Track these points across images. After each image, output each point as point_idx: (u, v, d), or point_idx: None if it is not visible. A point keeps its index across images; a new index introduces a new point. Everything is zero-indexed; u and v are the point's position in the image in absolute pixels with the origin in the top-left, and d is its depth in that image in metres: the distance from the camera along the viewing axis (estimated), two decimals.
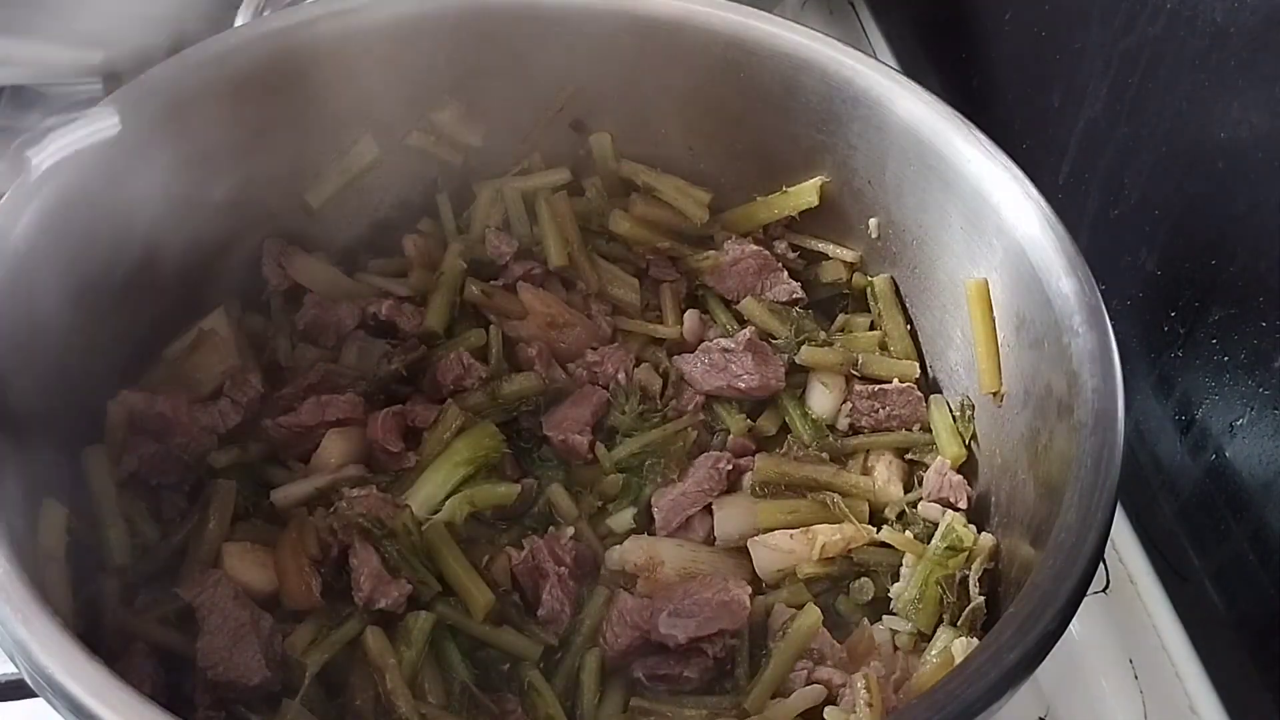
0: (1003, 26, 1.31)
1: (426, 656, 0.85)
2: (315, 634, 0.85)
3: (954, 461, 0.94)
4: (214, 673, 0.79)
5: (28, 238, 0.81)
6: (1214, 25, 0.95)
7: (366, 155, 1.04)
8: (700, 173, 1.08)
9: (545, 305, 1.03)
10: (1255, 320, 0.95)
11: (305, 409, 0.94)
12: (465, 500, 0.90)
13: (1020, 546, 0.80)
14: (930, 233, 0.95)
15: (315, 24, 0.96)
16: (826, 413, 1.00)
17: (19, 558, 0.68)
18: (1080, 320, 0.79)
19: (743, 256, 1.05)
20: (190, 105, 0.91)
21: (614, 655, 0.86)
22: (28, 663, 0.63)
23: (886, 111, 0.94)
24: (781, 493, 0.94)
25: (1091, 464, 0.72)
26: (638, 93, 1.04)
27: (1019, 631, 0.66)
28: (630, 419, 0.99)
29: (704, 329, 1.06)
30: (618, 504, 0.95)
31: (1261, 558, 0.98)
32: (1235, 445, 1.00)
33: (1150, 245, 1.08)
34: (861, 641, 0.87)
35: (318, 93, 0.98)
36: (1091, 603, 1.05)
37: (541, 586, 0.88)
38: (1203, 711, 0.99)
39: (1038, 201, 0.85)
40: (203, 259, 0.96)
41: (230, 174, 0.96)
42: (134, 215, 0.89)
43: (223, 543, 0.87)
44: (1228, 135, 0.96)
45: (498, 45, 1.01)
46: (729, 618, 0.85)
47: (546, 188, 1.07)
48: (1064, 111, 1.19)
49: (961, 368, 0.96)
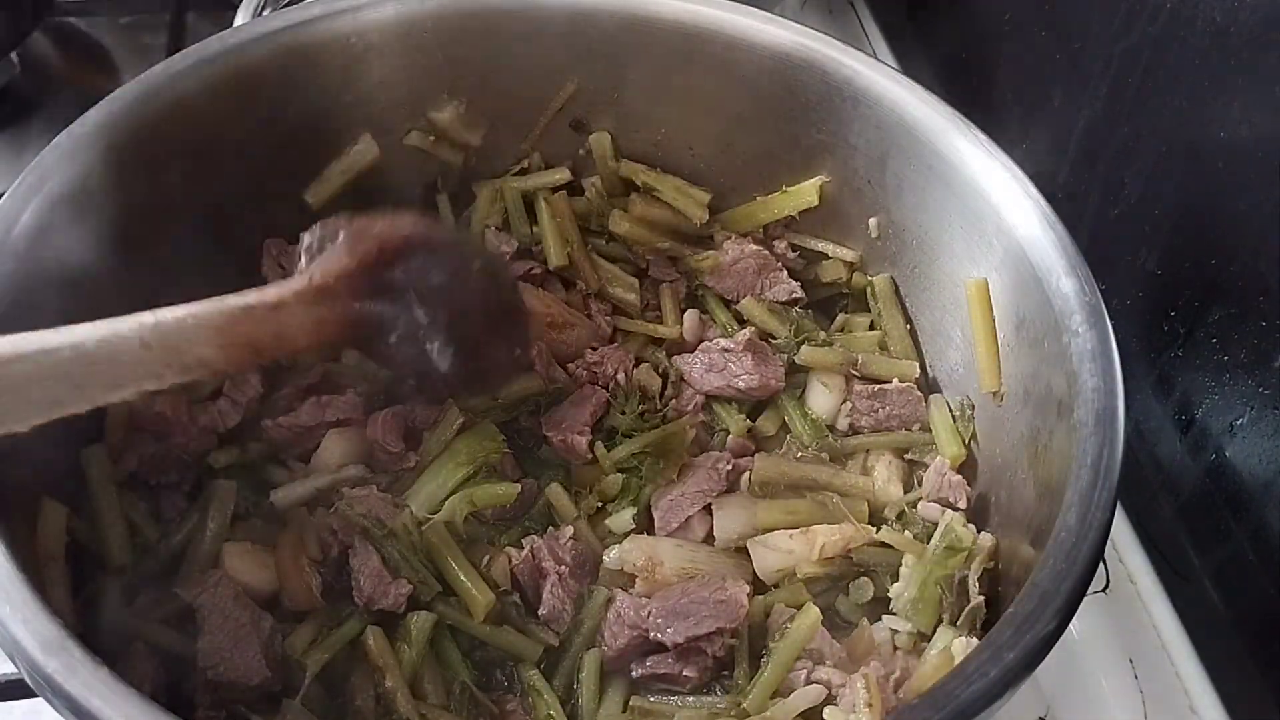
0: (1003, 26, 1.31)
1: (426, 656, 0.85)
2: (315, 634, 0.85)
3: (954, 461, 0.94)
4: (214, 673, 0.79)
5: (28, 237, 0.81)
6: (1214, 25, 0.95)
7: (366, 155, 1.04)
8: (700, 173, 1.08)
9: (546, 306, 1.03)
10: (1255, 320, 0.95)
11: (305, 409, 0.94)
12: (465, 500, 0.90)
13: (1020, 546, 0.80)
14: (930, 233, 0.95)
15: (315, 24, 0.96)
16: (826, 413, 1.00)
17: (19, 558, 0.68)
18: (1080, 320, 0.79)
19: (742, 256, 1.05)
20: (189, 104, 0.91)
21: (613, 655, 0.86)
22: (27, 663, 0.63)
23: (886, 111, 0.94)
24: (781, 493, 0.94)
25: (1091, 464, 0.72)
26: (638, 93, 1.04)
27: (1019, 631, 0.66)
28: (630, 419, 0.99)
29: (704, 329, 1.06)
30: (617, 504, 0.95)
31: (1261, 557, 0.98)
32: (1235, 445, 1.00)
33: (1150, 245, 1.08)
34: (861, 641, 0.87)
35: (317, 92, 0.98)
36: (1091, 603, 1.05)
37: (543, 586, 0.88)
38: (1203, 711, 0.99)
39: (1038, 201, 0.85)
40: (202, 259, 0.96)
41: (229, 173, 0.96)
42: (133, 215, 0.89)
43: (223, 543, 0.87)
44: (1228, 135, 0.96)
45: (498, 45, 1.02)
46: (726, 617, 0.85)
47: (546, 187, 1.07)
48: (1064, 111, 1.19)
49: (961, 367, 0.96)
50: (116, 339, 0.68)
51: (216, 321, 0.72)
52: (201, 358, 0.71)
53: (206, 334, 0.72)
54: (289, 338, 0.77)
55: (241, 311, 0.74)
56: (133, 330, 0.69)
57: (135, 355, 0.68)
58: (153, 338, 0.69)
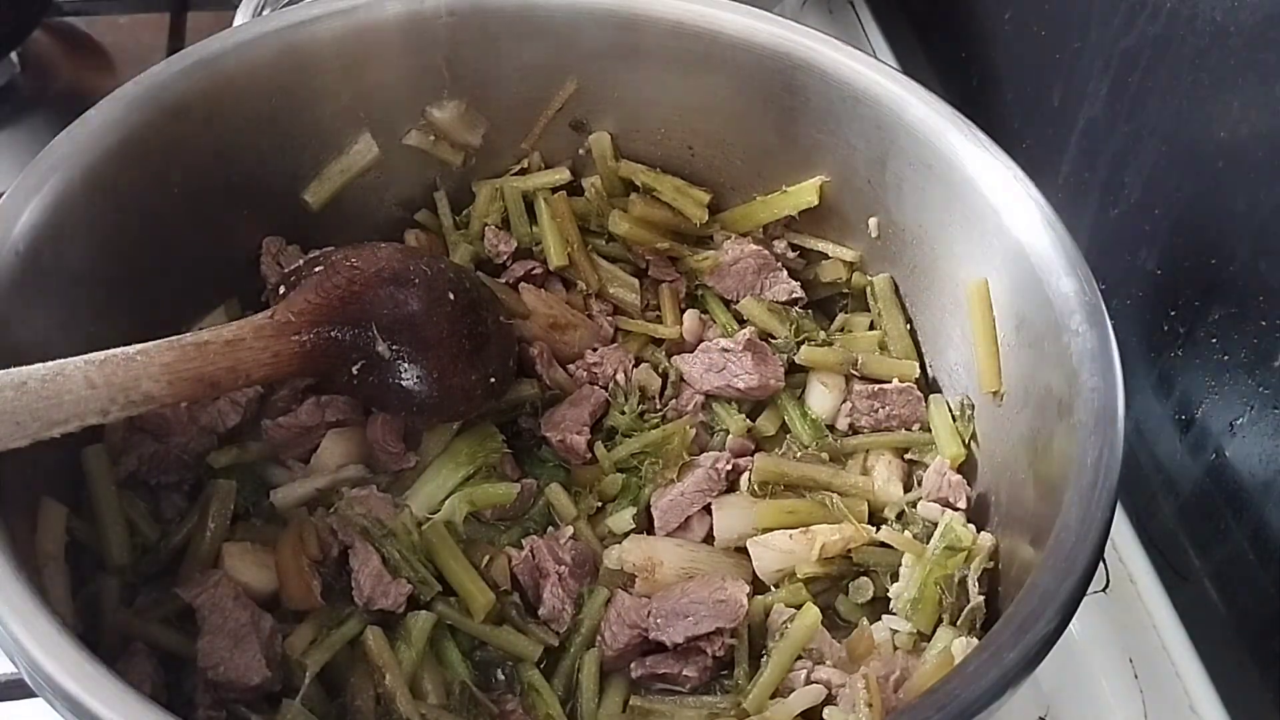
0: (1003, 26, 1.31)
1: (426, 656, 0.85)
2: (315, 634, 0.85)
3: (953, 461, 0.94)
4: (214, 673, 0.79)
5: (28, 237, 0.81)
6: (1214, 24, 0.95)
7: (366, 154, 1.04)
8: (700, 173, 1.08)
9: (548, 306, 1.03)
10: (1255, 320, 0.95)
11: (305, 410, 0.94)
12: (465, 500, 0.90)
13: (1020, 546, 0.80)
14: (930, 232, 0.95)
15: (315, 23, 0.96)
16: (826, 412, 1.00)
17: (19, 558, 0.68)
18: (1080, 320, 0.78)
19: (742, 256, 1.05)
20: (189, 104, 0.91)
21: (612, 655, 0.86)
22: (27, 662, 0.63)
23: (886, 111, 0.93)
24: (780, 493, 0.94)
25: (1091, 464, 0.72)
26: (638, 93, 1.04)
27: (1019, 631, 0.66)
28: (629, 419, 0.99)
29: (703, 329, 1.06)
30: (617, 504, 0.95)
31: (1261, 557, 0.98)
32: (1235, 445, 1.00)
33: (1150, 245, 1.08)
34: (861, 641, 0.87)
35: (316, 91, 0.98)
36: (1091, 602, 1.05)
37: (543, 585, 0.88)
38: (1203, 711, 0.99)
39: (1038, 201, 0.85)
40: (201, 258, 0.96)
41: (229, 173, 0.96)
42: (133, 215, 0.89)
43: (223, 543, 0.87)
44: (1228, 135, 0.96)
45: (498, 45, 1.02)
46: (726, 616, 0.85)
47: (546, 187, 1.07)
48: (1064, 111, 1.19)
49: (961, 367, 0.96)
50: (62, 379, 0.70)
51: (166, 358, 0.74)
52: (149, 393, 0.73)
53: (154, 370, 0.73)
54: (244, 371, 0.79)
55: (194, 349, 0.76)
56: (78, 369, 0.70)
57: (80, 394, 0.70)
58: (99, 377, 0.71)
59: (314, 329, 0.82)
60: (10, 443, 0.68)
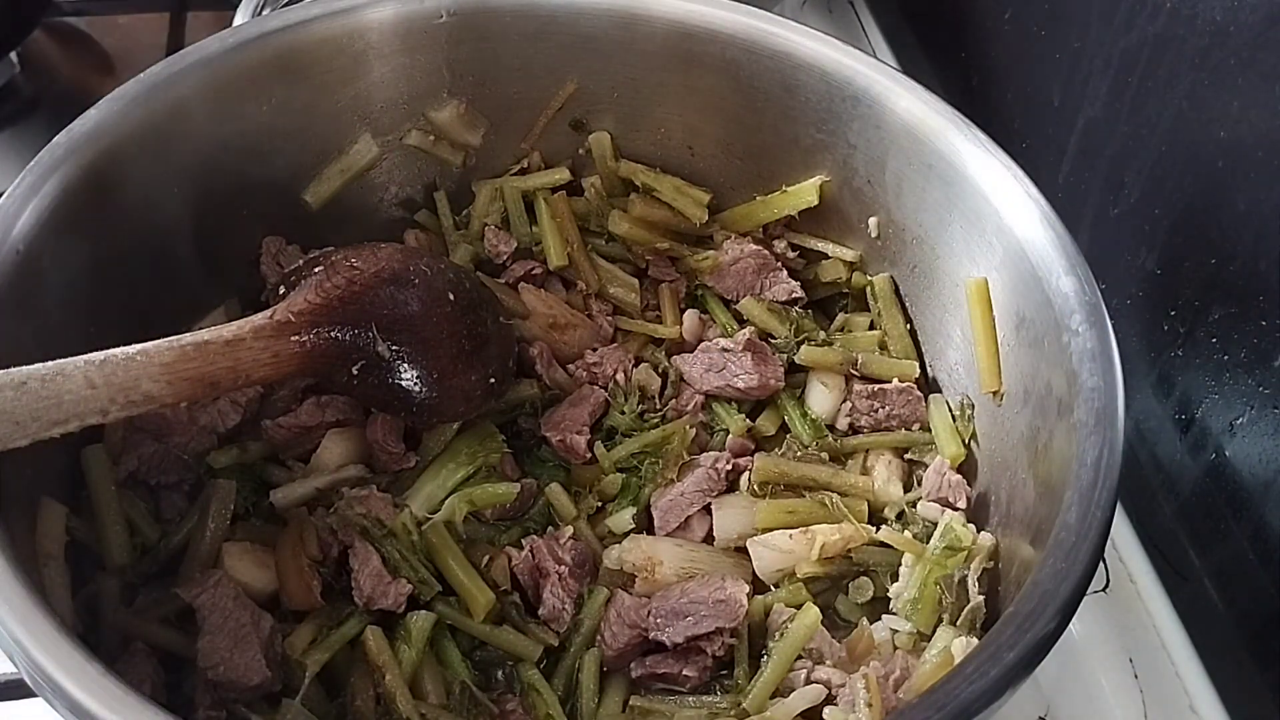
0: (1002, 26, 1.31)
1: (426, 656, 0.85)
2: (315, 634, 0.85)
3: (953, 461, 0.94)
4: (214, 673, 0.79)
5: (28, 237, 0.81)
6: (1214, 24, 0.95)
7: (366, 154, 1.04)
8: (700, 173, 1.08)
9: (548, 306, 1.03)
10: (1255, 319, 0.95)
11: (305, 409, 0.94)
12: (465, 500, 0.90)
13: (1020, 546, 0.80)
14: (930, 232, 0.95)
15: (315, 24, 0.96)
16: (826, 412, 1.00)
17: (19, 558, 0.68)
18: (1080, 319, 0.78)
19: (742, 256, 1.05)
20: (189, 104, 0.91)
21: (612, 655, 0.86)
22: (27, 663, 0.63)
23: (886, 111, 0.93)
24: (780, 493, 0.94)
25: (1091, 463, 0.72)
26: (638, 93, 1.04)
27: (1019, 631, 0.66)
28: (629, 419, 0.99)
29: (703, 329, 1.06)
30: (617, 504, 0.95)
31: (1261, 557, 0.98)
32: (1235, 444, 1.00)
33: (1150, 245, 1.08)
34: (861, 641, 0.87)
35: (316, 92, 0.98)
36: (1091, 602, 1.05)
37: (543, 585, 0.88)
38: (1203, 711, 0.99)
39: (1038, 201, 0.85)
40: (201, 258, 0.96)
41: (229, 173, 0.96)
42: (132, 215, 0.89)
43: (223, 543, 0.87)
44: (1228, 135, 0.96)
45: (498, 45, 1.02)
46: (726, 616, 0.85)
47: (546, 187, 1.07)
48: (1064, 111, 1.19)
49: (961, 367, 0.96)
50: (62, 378, 0.70)
51: (166, 358, 0.74)
52: (149, 393, 0.73)
53: (154, 370, 0.74)
54: (244, 371, 0.79)
55: (194, 349, 0.76)
56: (78, 369, 0.71)
57: (80, 394, 0.70)
58: (99, 377, 0.71)
59: (314, 329, 0.82)
60: (10, 443, 0.68)
